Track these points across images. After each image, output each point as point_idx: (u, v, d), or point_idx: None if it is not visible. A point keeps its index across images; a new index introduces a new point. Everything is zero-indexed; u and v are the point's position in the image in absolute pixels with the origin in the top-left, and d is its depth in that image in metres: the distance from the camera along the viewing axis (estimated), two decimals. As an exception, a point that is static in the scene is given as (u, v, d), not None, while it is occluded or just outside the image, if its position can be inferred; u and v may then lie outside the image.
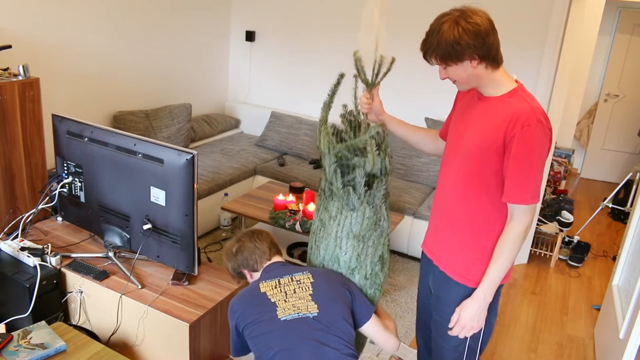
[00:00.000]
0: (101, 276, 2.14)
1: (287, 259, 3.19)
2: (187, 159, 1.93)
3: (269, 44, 4.65)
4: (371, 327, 1.75)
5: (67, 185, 2.35)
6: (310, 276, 1.73)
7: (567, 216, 3.93)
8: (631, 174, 4.45)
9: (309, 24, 4.40)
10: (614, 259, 4.01)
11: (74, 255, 2.28)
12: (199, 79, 4.56)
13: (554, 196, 4.43)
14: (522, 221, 1.56)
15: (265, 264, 1.83)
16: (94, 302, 2.17)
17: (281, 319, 1.59)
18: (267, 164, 4.11)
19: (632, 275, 2.62)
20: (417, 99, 4.06)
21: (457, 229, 1.69)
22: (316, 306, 1.64)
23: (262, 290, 1.69)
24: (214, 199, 3.67)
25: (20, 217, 2.39)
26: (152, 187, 2.05)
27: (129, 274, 2.14)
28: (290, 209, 3.12)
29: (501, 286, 1.71)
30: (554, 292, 3.50)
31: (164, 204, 2.04)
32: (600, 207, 4.37)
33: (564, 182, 5.10)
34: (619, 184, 4.45)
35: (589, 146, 5.99)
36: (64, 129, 2.28)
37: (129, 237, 2.21)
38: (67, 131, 2.27)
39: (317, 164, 4.08)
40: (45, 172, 2.75)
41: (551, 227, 3.89)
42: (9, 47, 2.65)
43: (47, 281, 2.10)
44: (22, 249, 2.19)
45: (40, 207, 2.40)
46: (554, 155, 5.00)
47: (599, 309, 3.28)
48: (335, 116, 1.95)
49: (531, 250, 3.87)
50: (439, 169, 1.81)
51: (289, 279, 1.72)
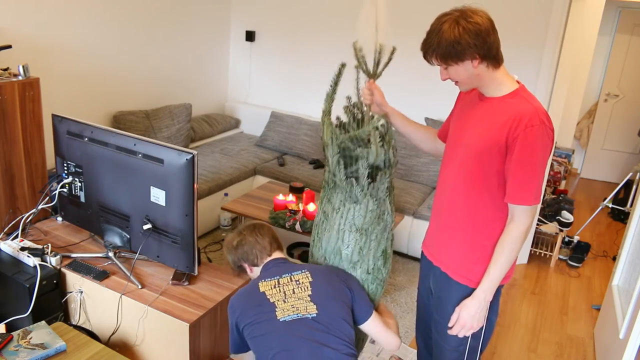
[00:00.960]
0: (101, 276, 2.14)
1: (287, 259, 3.19)
2: (187, 159, 1.93)
3: (269, 44, 4.65)
4: (371, 325, 1.74)
5: (67, 185, 2.35)
6: (309, 275, 1.72)
7: (567, 216, 3.93)
8: (631, 174, 4.45)
9: (309, 24, 4.40)
10: (614, 259, 4.01)
11: (74, 255, 2.28)
12: (199, 79, 4.56)
13: (554, 196, 4.43)
14: (523, 222, 1.56)
15: (265, 260, 1.82)
16: (94, 302, 2.17)
17: (280, 320, 1.59)
18: (267, 164, 4.11)
19: (632, 275, 2.62)
20: (417, 99, 4.06)
21: (458, 229, 1.69)
22: (315, 307, 1.63)
23: (261, 289, 1.68)
24: (214, 199, 3.67)
25: (20, 217, 2.39)
26: (152, 187, 2.05)
27: (129, 274, 2.14)
28: (290, 209, 3.12)
29: (502, 286, 1.71)
30: (554, 292, 3.50)
31: (164, 204, 2.04)
32: (600, 207, 4.37)
33: (564, 182, 5.10)
34: (619, 184, 4.45)
35: (589, 146, 5.99)
36: (64, 129, 2.28)
37: (129, 237, 2.21)
38: (67, 131, 2.27)
39: (317, 163, 4.08)
40: (45, 172, 2.75)
41: (551, 227, 3.89)
42: (9, 47, 2.65)
43: (47, 281, 2.10)
44: (22, 249, 2.19)
45: (40, 207, 2.40)
46: (554, 155, 5.00)
47: (599, 309, 3.28)
48: (339, 109, 1.93)
49: (531, 250, 3.87)
50: (440, 170, 1.80)
51: (288, 278, 1.71)
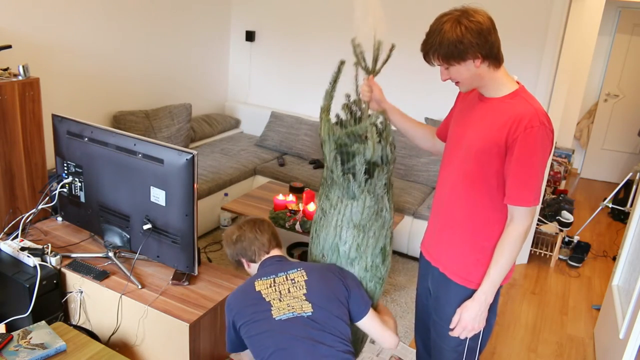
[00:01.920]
0: (101, 276, 2.14)
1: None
2: (187, 159, 1.93)
3: (269, 44, 4.65)
4: (368, 322, 1.73)
5: (67, 185, 2.35)
6: (304, 273, 1.72)
7: (567, 216, 3.93)
8: (631, 174, 4.45)
9: (309, 24, 4.40)
10: (614, 259, 4.01)
11: (74, 255, 2.28)
12: (199, 79, 4.56)
13: (554, 196, 4.43)
14: (522, 223, 1.56)
15: (263, 257, 1.82)
16: (94, 302, 2.17)
17: (276, 319, 1.59)
18: (267, 164, 4.11)
19: (632, 275, 2.62)
20: (417, 99, 4.06)
21: (458, 229, 1.69)
22: (310, 305, 1.63)
23: (257, 288, 1.68)
24: (214, 199, 3.67)
25: (20, 217, 2.39)
26: (152, 187, 2.05)
27: (129, 274, 2.14)
28: (290, 209, 3.12)
29: (501, 286, 1.70)
30: (554, 292, 3.50)
31: (164, 204, 2.04)
32: (600, 207, 4.37)
33: (564, 182, 5.10)
34: (619, 184, 4.45)
35: (589, 146, 5.99)
36: (64, 129, 2.28)
37: (129, 237, 2.21)
38: (67, 131, 2.27)
39: (317, 163, 4.08)
40: (45, 172, 2.75)
41: (551, 227, 3.89)
42: (9, 47, 2.65)
43: (47, 281, 2.10)
44: (22, 249, 2.19)
45: (40, 207, 2.40)
46: (554, 155, 5.00)
47: (599, 309, 3.28)
48: (339, 106, 1.92)
49: (531, 250, 3.87)
50: (439, 170, 1.80)
51: (284, 277, 1.71)
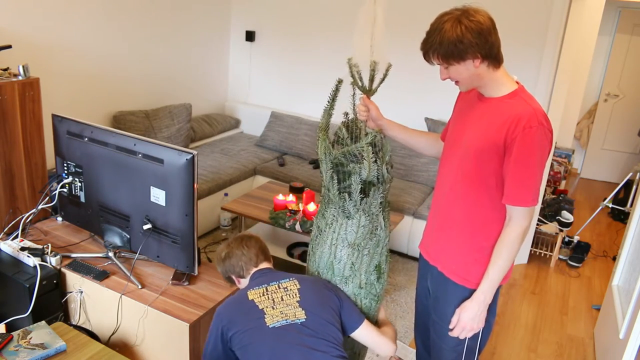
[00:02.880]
0: (101, 276, 2.14)
1: (287, 259, 3.19)
2: (187, 159, 1.93)
3: (269, 44, 4.65)
4: (363, 332, 1.74)
5: (67, 185, 2.35)
6: (296, 282, 1.74)
7: (567, 216, 3.93)
8: (631, 174, 4.45)
9: (309, 24, 4.40)
10: (614, 259, 4.01)
11: (74, 255, 2.28)
12: (199, 79, 4.56)
13: (554, 196, 4.43)
14: (521, 223, 1.56)
15: (252, 271, 1.83)
16: (94, 302, 2.17)
17: (269, 326, 1.60)
18: (267, 164, 4.11)
19: (632, 275, 2.62)
20: (417, 99, 4.06)
21: (456, 229, 1.69)
22: (303, 312, 1.64)
23: (250, 297, 1.69)
24: (214, 199, 3.67)
25: (20, 217, 2.39)
26: (152, 187, 2.05)
27: (129, 274, 2.15)
28: (290, 209, 3.12)
29: (500, 286, 1.70)
30: (554, 292, 3.50)
31: (164, 204, 2.04)
32: (600, 207, 4.37)
33: (564, 182, 5.10)
34: (619, 184, 4.45)
35: (589, 146, 5.99)
36: (64, 129, 2.28)
37: (129, 237, 2.21)
38: (67, 131, 2.27)
39: (317, 164, 4.08)
40: (45, 172, 2.75)
41: (551, 227, 3.89)
42: (9, 47, 2.65)
43: (47, 281, 2.10)
44: (22, 249, 2.18)
45: (40, 207, 2.40)
46: (554, 155, 5.00)
47: (599, 309, 3.28)
48: (337, 122, 1.94)
49: (531, 250, 3.87)
50: (438, 169, 1.80)
51: (276, 286, 1.73)
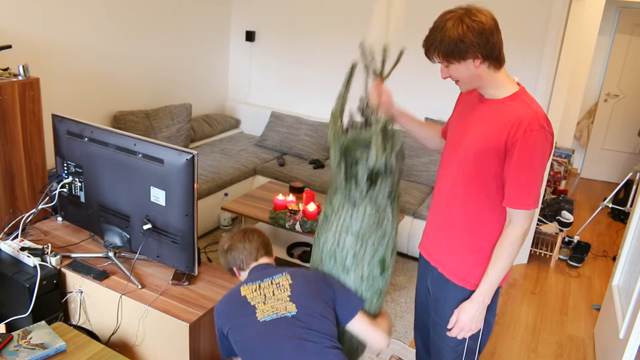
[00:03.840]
0: (101, 276, 2.14)
1: (287, 259, 3.19)
2: (187, 159, 1.93)
3: (269, 44, 4.65)
4: (357, 324, 1.74)
5: (67, 185, 2.35)
6: (289, 277, 1.75)
7: (567, 216, 3.93)
8: (631, 174, 4.45)
9: (309, 23, 4.40)
10: (614, 259, 4.01)
11: (74, 255, 2.28)
12: (199, 79, 4.56)
13: (554, 196, 4.43)
14: (521, 225, 1.56)
15: (252, 265, 1.84)
16: (94, 302, 2.17)
17: (260, 321, 1.62)
18: (267, 164, 4.11)
19: (632, 275, 2.62)
20: (417, 98, 4.06)
21: (456, 230, 1.69)
22: (294, 306, 1.65)
23: (242, 294, 1.71)
24: (214, 199, 3.67)
25: (20, 217, 2.39)
26: (152, 187, 2.05)
27: (129, 274, 2.15)
28: (290, 209, 3.12)
29: (500, 287, 1.70)
30: (554, 292, 3.50)
31: (164, 204, 2.04)
32: (600, 207, 4.37)
33: (564, 182, 5.10)
34: (619, 184, 4.45)
35: (589, 146, 5.99)
36: (64, 129, 2.28)
37: (129, 237, 2.21)
38: (67, 131, 2.27)
39: (317, 164, 4.08)
40: (45, 172, 2.75)
41: (551, 227, 3.89)
42: (9, 47, 2.65)
43: (47, 281, 2.10)
44: (22, 249, 2.19)
45: (40, 207, 2.40)
46: (554, 155, 5.00)
47: (599, 309, 3.28)
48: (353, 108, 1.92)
49: (531, 250, 3.87)
50: (438, 170, 1.80)
51: (269, 282, 1.74)
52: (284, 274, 1.76)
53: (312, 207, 3.04)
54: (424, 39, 1.53)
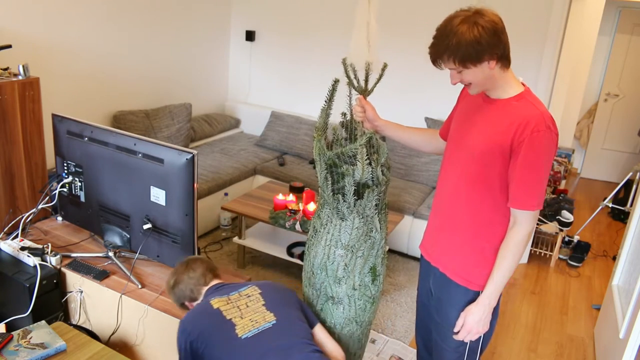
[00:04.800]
0: (101, 276, 2.14)
1: (287, 259, 3.19)
2: (187, 159, 1.93)
3: (269, 44, 4.65)
4: (319, 331, 1.81)
5: (67, 185, 2.35)
6: (256, 288, 1.77)
7: (567, 216, 3.93)
8: (631, 174, 4.45)
9: (309, 23, 4.40)
10: (614, 258, 4.01)
11: (74, 255, 2.28)
12: (199, 79, 4.56)
13: (554, 196, 4.43)
14: (525, 227, 1.55)
15: (203, 290, 1.83)
16: (94, 301, 2.17)
17: (242, 338, 1.58)
18: (267, 163, 4.11)
19: (632, 275, 2.62)
20: (417, 98, 4.06)
21: (458, 230, 1.68)
22: (272, 314, 1.66)
23: (215, 306, 1.67)
24: (214, 199, 3.67)
25: (20, 216, 2.39)
26: (152, 186, 2.05)
27: (129, 274, 2.15)
28: (290, 208, 3.12)
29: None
30: (554, 292, 3.50)
31: (164, 204, 2.04)
32: (600, 207, 4.37)
33: (564, 182, 5.10)
34: (619, 184, 4.45)
35: (589, 146, 5.99)
36: (64, 129, 2.28)
37: (129, 236, 2.21)
38: (67, 131, 2.27)
39: (317, 163, 4.08)
40: (45, 171, 2.75)
41: (551, 227, 3.89)
42: (9, 47, 2.65)
43: (47, 281, 2.10)
44: (22, 249, 2.19)
45: (40, 206, 2.40)
46: (554, 155, 4.99)
47: (599, 309, 3.28)
48: (336, 123, 1.93)
49: (531, 250, 3.87)
50: (440, 170, 1.79)
51: (237, 295, 1.73)
52: (249, 286, 1.78)
53: (312, 206, 3.04)
54: (431, 46, 1.47)
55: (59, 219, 2.54)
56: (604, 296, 3.07)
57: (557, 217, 3.95)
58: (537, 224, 3.84)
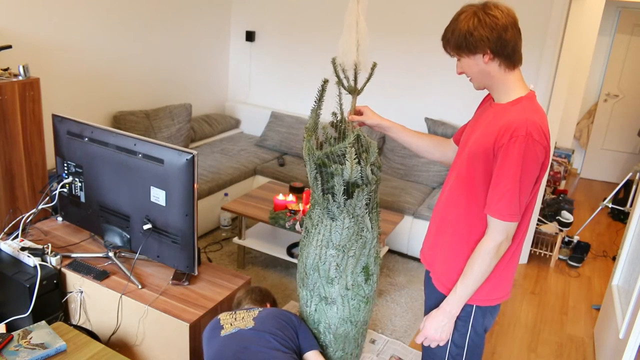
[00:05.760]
0: (101, 276, 2.15)
1: (287, 259, 3.19)
2: (187, 159, 1.94)
3: (269, 44, 4.65)
4: (313, 358, 1.86)
5: (67, 185, 2.35)
6: (261, 309, 1.94)
7: (567, 216, 3.94)
8: (631, 174, 4.45)
9: (309, 24, 4.40)
10: (614, 259, 4.01)
11: (74, 255, 2.28)
12: (199, 79, 4.56)
13: (553, 196, 4.44)
14: (494, 237, 1.47)
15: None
16: (94, 302, 2.17)
17: (222, 335, 1.81)
18: (267, 164, 4.11)
19: (632, 275, 2.62)
20: (417, 99, 4.06)
21: (446, 235, 1.65)
22: (253, 322, 1.85)
23: (220, 319, 1.90)
24: (214, 199, 3.67)
25: (20, 217, 2.39)
26: (152, 187, 2.05)
27: (129, 274, 2.15)
28: (290, 209, 3.12)
29: (489, 307, 1.63)
30: (554, 292, 3.50)
31: (164, 204, 2.04)
32: (600, 207, 4.37)
33: (563, 182, 5.10)
34: (618, 184, 4.45)
35: (588, 146, 5.99)
36: (64, 129, 2.28)
37: (129, 237, 2.21)
38: (67, 131, 2.27)
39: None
40: (45, 172, 2.75)
41: (551, 227, 3.89)
42: (9, 47, 2.65)
43: (47, 281, 2.10)
44: (23, 249, 2.19)
45: (40, 207, 2.41)
46: (554, 155, 5.00)
47: (598, 309, 3.29)
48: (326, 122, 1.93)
49: (531, 250, 3.87)
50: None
51: (244, 311, 1.93)
52: (260, 308, 1.95)
53: (312, 207, 3.04)
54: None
55: (59, 219, 2.54)
56: (604, 296, 3.07)
57: (557, 218, 3.95)
58: (537, 224, 3.84)
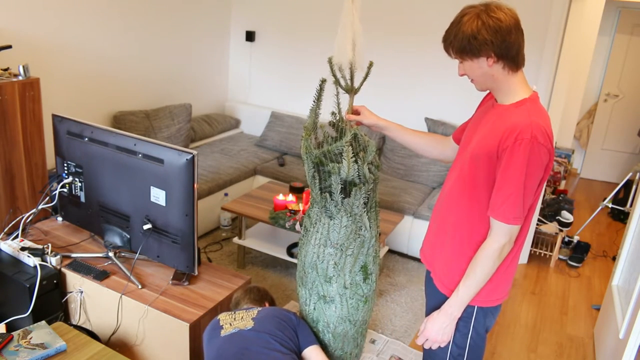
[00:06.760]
0: (101, 276, 2.15)
1: (287, 259, 3.19)
2: (187, 159, 1.94)
3: (269, 44, 4.65)
4: (313, 353, 1.87)
5: (67, 185, 2.35)
6: (260, 309, 1.95)
7: (567, 216, 3.94)
8: (631, 174, 4.45)
9: (309, 24, 4.40)
10: (614, 259, 4.01)
11: (74, 255, 2.28)
12: (199, 79, 4.56)
13: (553, 196, 4.44)
14: (498, 239, 1.47)
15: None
16: (94, 302, 2.17)
17: (222, 336, 1.82)
18: (267, 164, 4.11)
19: (632, 275, 2.62)
20: (417, 99, 4.06)
21: (447, 236, 1.64)
22: (253, 323, 1.85)
23: (219, 318, 1.92)
24: (214, 199, 3.67)
25: (20, 217, 2.40)
26: (152, 187, 2.05)
27: (129, 274, 2.15)
28: (290, 209, 3.12)
29: (490, 308, 1.64)
30: (554, 292, 3.50)
31: (164, 204, 2.04)
32: (600, 207, 4.37)
33: (563, 182, 5.10)
34: (618, 184, 4.45)
35: (588, 146, 5.99)
36: (64, 129, 2.28)
37: (129, 237, 2.21)
38: (67, 131, 2.27)
39: (317, 164, 4.08)
40: (45, 172, 2.75)
41: (551, 227, 3.89)
42: (9, 47, 2.65)
43: (47, 281, 2.10)
44: (23, 249, 2.19)
45: (40, 207, 2.41)
46: (554, 155, 4.99)
47: (598, 309, 3.29)
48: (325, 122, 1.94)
49: (531, 250, 3.87)
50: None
51: (244, 311, 1.94)
52: (258, 308, 1.95)
53: (312, 207, 3.04)
54: (444, 34, 1.50)
55: (59, 219, 2.54)
56: (604, 296, 3.07)
57: (557, 218, 3.95)
58: (537, 224, 3.84)
